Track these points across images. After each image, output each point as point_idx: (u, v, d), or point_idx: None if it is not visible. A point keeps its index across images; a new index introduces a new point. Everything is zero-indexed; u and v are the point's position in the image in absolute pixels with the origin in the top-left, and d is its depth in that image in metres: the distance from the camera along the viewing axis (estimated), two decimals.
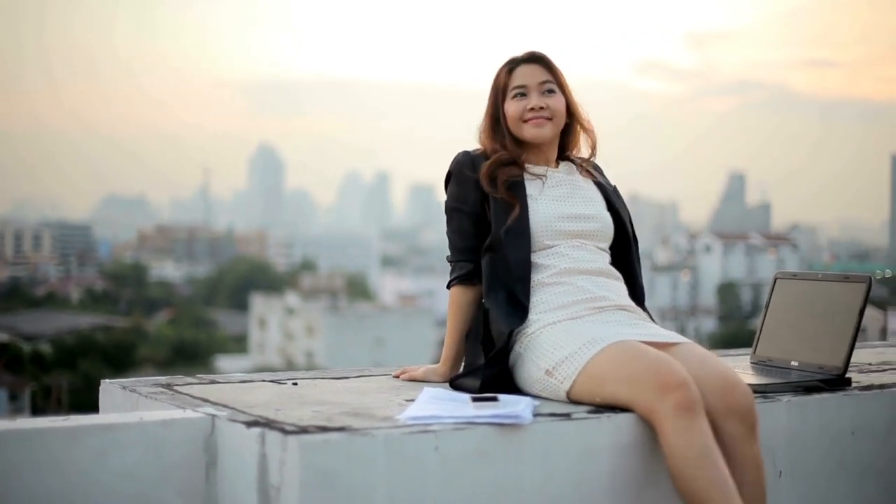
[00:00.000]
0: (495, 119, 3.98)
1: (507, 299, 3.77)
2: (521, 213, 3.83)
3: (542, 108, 3.93)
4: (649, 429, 3.43)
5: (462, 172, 3.94)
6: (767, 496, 3.67)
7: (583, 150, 4.12)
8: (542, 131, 3.96)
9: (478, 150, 4.00)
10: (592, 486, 3.39)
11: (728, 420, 3.47)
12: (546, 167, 4.00)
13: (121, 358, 68.57)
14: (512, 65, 4.00)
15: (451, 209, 3.97)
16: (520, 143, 3.97)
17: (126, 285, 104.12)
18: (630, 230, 4.08)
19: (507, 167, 3.90)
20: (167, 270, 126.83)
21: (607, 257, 3.98)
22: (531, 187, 3.91)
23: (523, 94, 3.95)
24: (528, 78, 3.96)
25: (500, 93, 3.98)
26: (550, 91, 3.97)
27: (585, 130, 4.09)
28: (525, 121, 3.94)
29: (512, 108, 3.95)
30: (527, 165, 3.97)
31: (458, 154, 3.98)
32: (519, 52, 4.05)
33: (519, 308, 3.74)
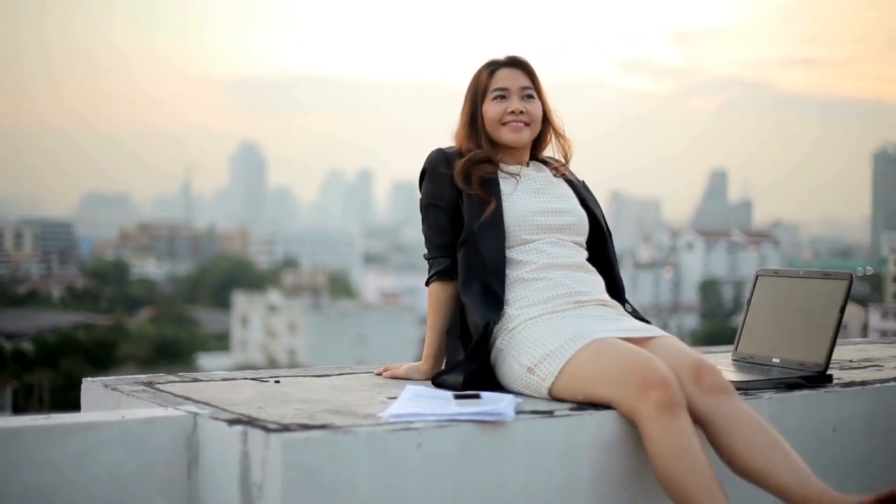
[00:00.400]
0: (472, 119, 3.98)
1: (482, 291, 3.78)
2: (496, 208, 3.84)
3: (521, 112, 3.94)
4: (631, 426, 3.44)
5: (436, 169, 3.95)
6: (750, 494, 3.68)
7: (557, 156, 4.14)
8: (519, 136, 3.97)
9: (452, 147, 4.01)
10: (575, 484, 3.39)
11: (704, 395, 3.49)
12: (519, 166, 4.01)
13: (102, 356, 68.46)
14: (493, 67, 4.01)
15: (426, 206, 3.97)
16: (494, 144, 3.98)
17: (108, 283, 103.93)
18: (604, 224, 4.09)
19: (481, 164, 3.91)
20: (149, 268, 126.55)
21: (584, 252, 3.99)
22: (505, 185, 3.92)
23: (503, 97, 3.96)
24: (509, 81, 3.97)
25: (479, 93, 3.99)
26: (530, 97, 3.99)
27: (560, 138, 4.11)
28: (503, 123, 3.95)
29: (492, 109, 3.96)
30: (501, 164, 3.98)
31: (433, 151, 4.00)
32: (500, 53, 4.06)
33: (494, 300, 3.75)
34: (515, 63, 4.02)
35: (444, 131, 4.11)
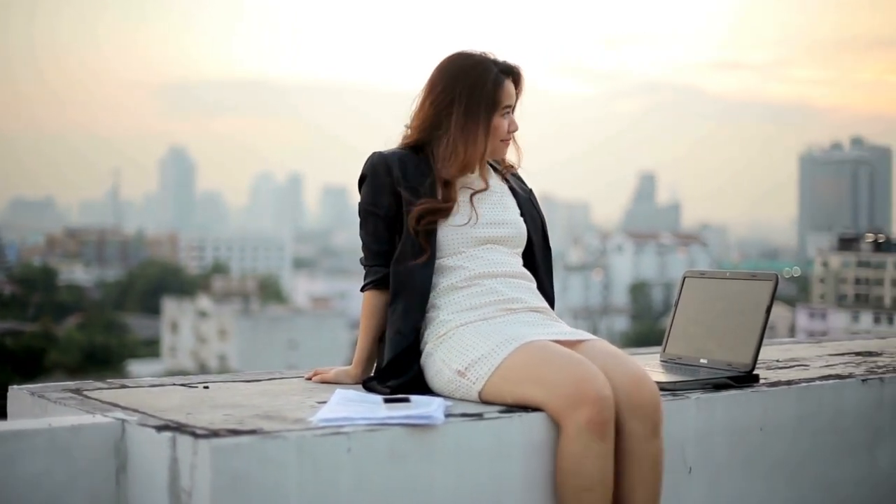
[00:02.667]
0: (483, 131, 3.86)
1: (403, 314, 3.76)
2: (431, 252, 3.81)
3: (516, 130, 3.95)
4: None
5: (377, 175, 3.89)
6: (679, 493, 3.72)
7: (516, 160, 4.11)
8: (507, 151, 3.99)
9: (392, 150, 3.93)
10: (505, 486, 3.40)
11: (632, 417, 3.49)
12: (467, 175, 3.95)
13: (30, 364, 67.65)
14: (501, 76, 3.89)
15: (365, 212, 3.93)
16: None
17: (35, 289, 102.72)
18: (542, 237, 4.09)
19: (440, 213, 3.82)
20: (77, 274, 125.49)
21: (520, 260, 3.99)
22: (459, 219, 3.85)
23: (508, 114, 3.91)
24: (512, 98, 3.90)
25: (493, 105, 3.87)
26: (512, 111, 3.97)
27: (516, 147, 4.07)
28: (502, 140, 3.93)
29: (501, 127, 3.89)
30: (473, 197, 3.90)
31: (373, 155, 3.92)
32: (495, 55, 3.94)
33: (411, 321, 3.74)
34: (517, 77, 3.95)
35: (375, 135, 4.06)
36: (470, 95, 3.85)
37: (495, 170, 4.07)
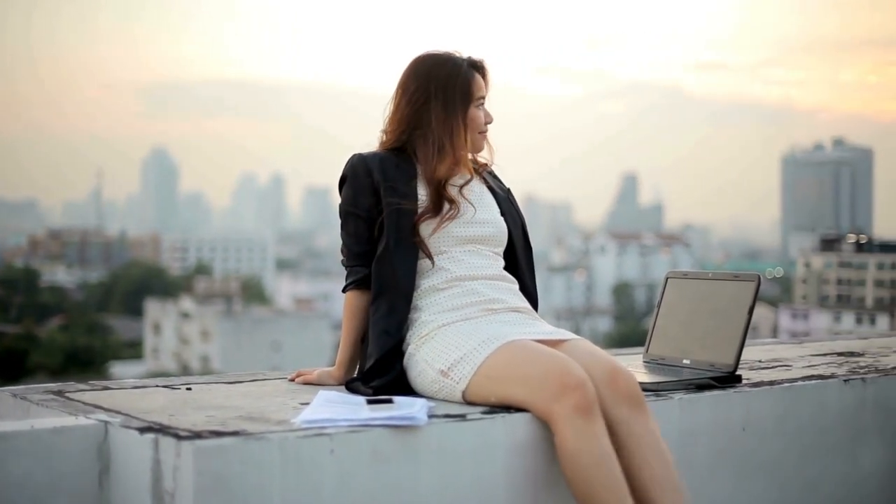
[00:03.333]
0: (462, 123, 3.90)
1: (387, 311, 3.78)
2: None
3: (491, 122, 3.98)
4: (545, 428, 3.45)
5: (357, 176, 3.91)
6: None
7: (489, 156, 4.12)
8: (484, 145, 4.02)
9: (373, 152, 3.96)
10: (489, 486, 3.40)
11: (616, 405, 3.50)
12: (461, 177, 3.97)
13: (12, 365, 67.63)
14: (470, 69, 3.95)
15: (346, 213, 3.94)
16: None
17: (17, 291, 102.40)
18: (523, 237, 4.10)
19: (448, 220, 3.86)
20: (59, 276, 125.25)
21: (501, 262, 3.99)
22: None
23: (481, 105, 3.96)
24: (482, 90, 3.96)
25: (467, 97, 3.92)
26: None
27: (488, 144, 4.10)
28: (479, 132, 3.96)
29: (478, 119, 3.94)
30: (454, 183, 3.92)
31: (353, 157, 3.94)
32: (459, 51, 4.00)
33: (397, 321, 3.76)
34: (482, 70, 4.00)
35: (358, 136, 4.07)
36: (445, 90, 3.90)
37: (475, 172, 4.09)
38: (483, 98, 3.97)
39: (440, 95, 3.89)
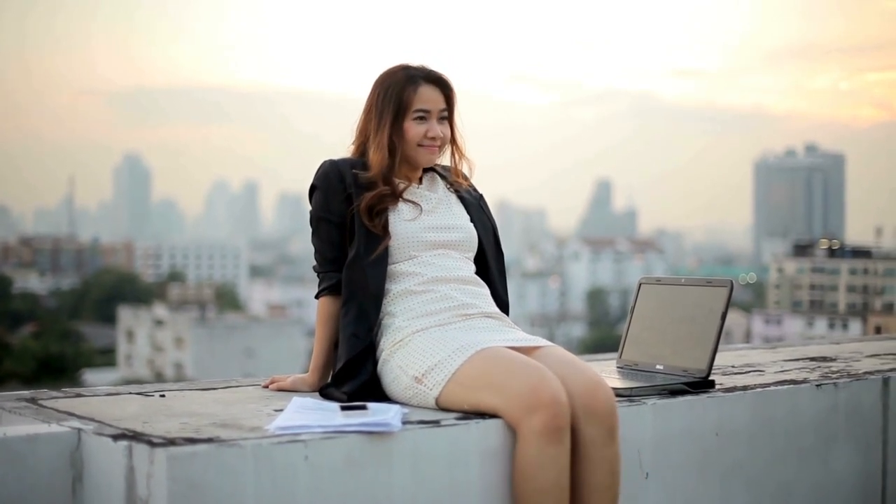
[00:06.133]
0: (392, 134, 3.91)
1: (357, 316, 3.78)
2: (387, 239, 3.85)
3: (440, 137, 3.95)
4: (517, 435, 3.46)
5: (329, 182, 3.91)
6: (636, 498, 3.73)
7: (462, 171, 4.12)
8: (432, 158, 3.98)
9: (344, 158, 3.98)
10: (462, 492, 3.40)
11: (588, 423, 3.50)
12: (414, 186, 4.00)
13: None
14: (415, 82, 3.93)
15: (318, 219, 3.94)
16: (400, 157, 3.96)
17: None
18: (493, 242, 4.11)
19: (387, 199, 3.89)
20: (31, 283, 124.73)
21: (472, 266, 4.00)
22: (403, 213, 3.90)
23: (423, 118, 3.92)
24: (430, 103, 3.92)
25: (401, 109, 3.91)
26: (444, 118, 3.97)
27: (462, 157, 4.09)
28: (420, 145, 3.95)
29: (412, 130, 3.91)
30: (405, 192, 3.95)
31: (325, 163, 3.95)
32: (415, 62, 3.99)
33: (366, 325, 3.77)
34: (439, 82, 3.97)
35: (331, 142, 4.08)
36: (382, 101, 3.92)
37: (444, 178, 4.10)
38: (424, 111, 3.92)
39: (379, 107, 3.93)
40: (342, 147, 4.03)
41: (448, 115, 4.00)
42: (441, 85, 3.98)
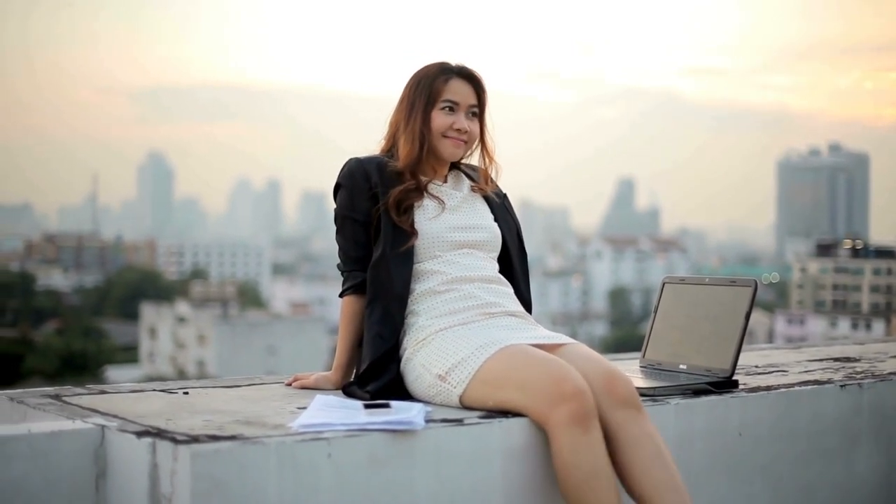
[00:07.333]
0: (423, 120, 3.92)
1: (382, 316, 3.79)
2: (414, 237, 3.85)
3: (466, 131, 3.95)
4: (541, 433, 3.45)
5: (354, 181, 3.92)
6: None
7: (489, 174, 4.12)
8: (456, 152, 3.98)
9: (369, 156, 3.98)
10: (485, 491, 3.40)
11: (614, 408, 3.50)
12: (439, 184, 4.00)
13: (8, 369, 67.49)
14: (448, 74, 3.95)
15: (342, 217, 3.95)
16: (427, 150, 3.96)
17: (12, 295, 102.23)
18: (517, 242, 4.11)
19: (413, 193, 3.90)
20: (55, 280, 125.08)
21: (496, 265, 4.00)
22: (428, 210, 3.91)
23: (452, 110, 3.93)
24: (460, 95, 3.94)
25: (430, 99, 3.93)
26: (474, 114, 3.98)
27: (492, 161, 4.10)
28: (445, 136, 3.95)
29: (439, 119, 3.92)
30: (428, 186, 3.96)
31: (350, 161, 3.95)
32: (453, 60, 4.01)
33: (391, 326, 3.77)
34: (470, 77, 3.99)
35: (355, 140, 4.08)
36: (414, 93, 3.96)
37: (471, 178, 4.10)
38: (453, 102, 3.93)
39: (411, 99, 3.96)
40: (365, 146, 4.04)
41: (479, 113, 4.00)
42: (473, 81, 3.99)
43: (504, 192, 4.18)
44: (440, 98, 3.93)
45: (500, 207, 4.11)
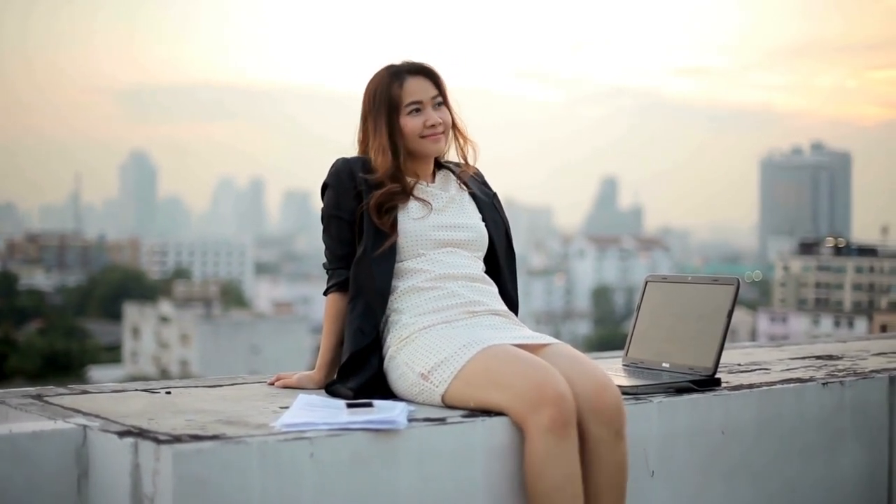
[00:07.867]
0: (391, 132, 3.91)
1: (363, 312, 3.79)
2: (396, 239, 3.84)
3: (439, 123, 3.95)
4: (522, 432, 3.45)
5: (340, 180, 3.91)
6: (642, 497, 3.73)
7: (468, 157, 4.12)
8: (439, 146, 3.97)
9: (356, 156, 3.97)
10: (468, 490, 3.40)
11: (595, 422, 3.50)
12: (425, 184, 4.00)
13: None
14: (400, 77, 3.94)
15: (329, 217, 3.94)
16: (409, 154, 3.96)
17: None
18: (505, 241, 4.11)
19: (398, 196, 3.89)
20: (37, 279, 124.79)
21: (481, 264, 4.00)
22: (413, 211, 3.90)
23: (418, 110, 3.92)
24: (420, 93, 3.93)
25: (392, 107, 3.91)
26: (440, 104, 3.97)
27: (467, 141, 4.10)
28: (423, 136, 3.95)
29: (410, 124, 3.91)
30: (415, 188, 3.95)
31: (337, 161, 3.95)
32: (399, 58, 4.02)
33: (372, 322, 3.78)
34: (422, 71, 3.97)
35: (337, 139, 4.08)
36: (373, 105, 3.95)
37: (455, 175, 4.10)
38: (418, 103, 3.92)
39: (372, 111, 3.95)
40: (349, 145, 4.03)
41: (443, 101, 3.99)
42: (426, 73, 3.98)
43: (494, 191, 4.18)
44: (402, 104, 3.91)
45: (489, 206, 4.10)
